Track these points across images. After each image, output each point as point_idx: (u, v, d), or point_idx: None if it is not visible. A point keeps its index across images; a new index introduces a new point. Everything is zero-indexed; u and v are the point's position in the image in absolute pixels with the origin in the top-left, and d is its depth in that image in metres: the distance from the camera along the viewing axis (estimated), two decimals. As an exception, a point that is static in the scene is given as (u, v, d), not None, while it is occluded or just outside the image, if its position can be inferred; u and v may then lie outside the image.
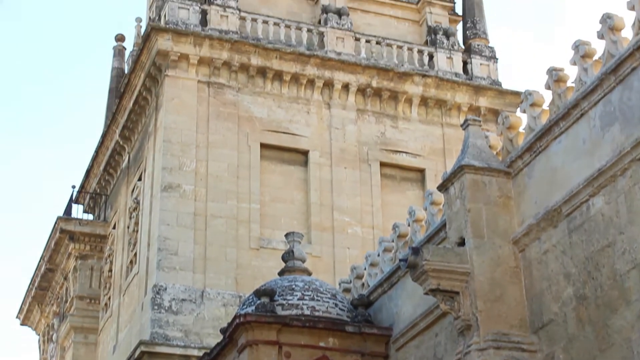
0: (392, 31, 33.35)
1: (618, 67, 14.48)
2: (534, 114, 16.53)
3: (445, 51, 32.71)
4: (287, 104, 30.46)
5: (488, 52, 33.40)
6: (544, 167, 16.04)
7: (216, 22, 30.49)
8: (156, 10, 31.77)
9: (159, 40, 29.32)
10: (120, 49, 37.62)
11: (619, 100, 14.53)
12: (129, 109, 31.81)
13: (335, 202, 29.55)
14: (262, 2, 32.24)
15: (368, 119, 31.20)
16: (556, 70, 16.15)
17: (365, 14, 33.38)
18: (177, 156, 28.59)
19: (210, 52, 29.72)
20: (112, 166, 34.46)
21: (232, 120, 29.54)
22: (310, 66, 30.63)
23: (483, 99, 32.19)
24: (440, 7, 33.75)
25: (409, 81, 31.52)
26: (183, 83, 29.50)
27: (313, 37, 31.59)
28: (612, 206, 14.42)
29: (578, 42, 15.63)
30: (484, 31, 33.77)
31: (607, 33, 14.91)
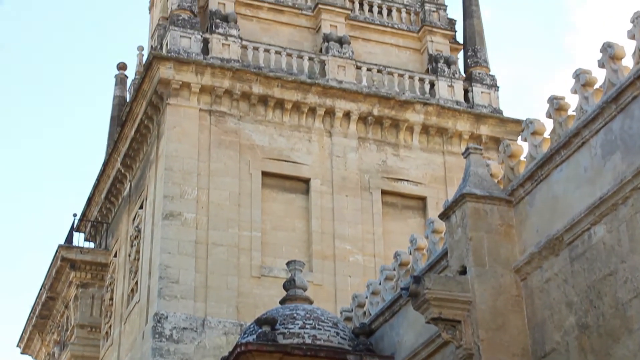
0: (393, 59, 33.43)
1: (619, 96, 14.51)
2: (535, 142, 16.55)
3: (446, 79, 32.77)
4: (289, 132, 30.50)
5: (489, 81, 33.45)
6: (545, 196, 16.04)
7: (218, 50, 30.58)
8: (158, 38, 31.87)
9: (161, 69, 29.38)
10: (122, 78, 37.71)
11: (620, 129, 14.55)
12: (130, 137, 31.84)
13: (337, 230, 29.52)
14: (263, 30, 32.35)
15: (369, 147, 31.22)
16: (557, 98, 16.18)
17: (366, 42, 33.48)
18: (179, 184, 28.59)
19: (212, 80, 29.78)
20: (114, 194, 34.46)
21: (233, 149, 29.56)
22: (311, 94, 30.69)
23: (484, 127, 32.21)
24: (441, 36, 33.85)
25: (410, 109, 31.56)
26: (185, 111, 29.55)
27: (314, 65, 31.67)
28: (614, 235, 14.40)
29: (579, 71, 15.67)
30: (485, 59, 33.85)
31: (608, 62, 14.96)
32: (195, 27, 30.65)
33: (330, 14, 32.65)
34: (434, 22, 33.87)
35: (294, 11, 32.80)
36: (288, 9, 32.74)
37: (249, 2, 32.33)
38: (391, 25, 33.82)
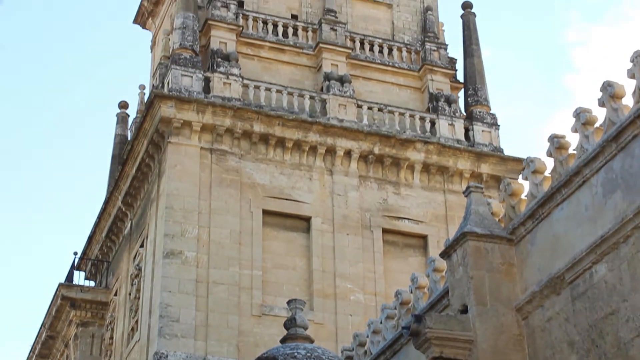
0: (394, 98, 33.52)
1: (619, 135, 14.53)
2: (536, 181, 16.56)
3: (447, 118, 32.85)
4: (290, 171, 30.53)
5: (490, 119, 33.53)
6: (546, 234, 16.02)
7: (219, 89, 30.68)
8: (159, 77, 31.99)
9: (162, 108, 29.47)
10: (124, 116, 37.82)
11: (620, 168, 14.56)
12: (131, 176, 31.87)
13: (338, 269, 29.47)
14: (264, 69, 32.48)
15: (370, 185, 31.24)
16: (558, 137, 16.21)
17: (367, 81, 33.59)
18: (180, 223, 28.58)
19: (213, 119, 29.86)
20: (114, 233, 34.44)
21: (234, 187, 29.58)
22: (312, 133, 30.75)
23: (485, 166, 32.24)
24: (442, 75, 33.96)
25: (411, 148, 31.61)
26: (186, 150, 29.60)
27: (315, 104, 31.76)
28: (615, 273, 14.37)
29: (579, 110, 15.71)
30: (485, 98, 33.95)
31: (608, 101, 15.00)
32: (196, 66, 30.77)
33: (331, 53, 32.78)
34: (435, 61, 34.00)
35: (295, 50, 32.95)
36: (289, 48, 32.89)
37: (251, 41, 32.49)
38: (392, 64, 33.94)
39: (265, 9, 33.65)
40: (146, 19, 39.89)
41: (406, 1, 35.62)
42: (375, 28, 34.95)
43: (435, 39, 34.58)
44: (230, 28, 32.01)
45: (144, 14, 39.83)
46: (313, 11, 34.09)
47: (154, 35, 39.41)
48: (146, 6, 39.40)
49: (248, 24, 32.79)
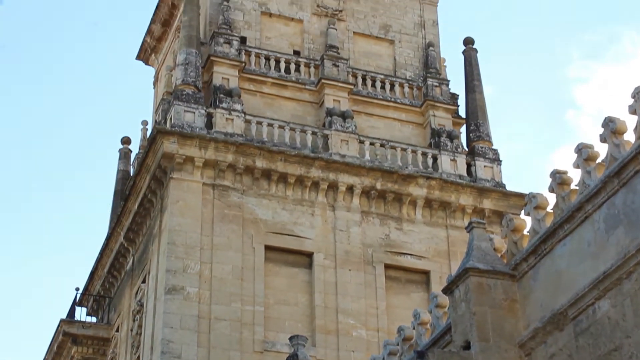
0: (396, 134, 33.56)
1: (621, 170, 14.55)
2: (538, 216, 16.56)
3: (449, 153, 32.87)
4: (292, 206, 30.52)
5: (492, 155, 33.55)
6: (549, 270, 16.00)
7: (221, 125, 30.74)
8: (162, 113, 32.06)
9: (165, 143, 29.51)
10: (126, 152, 37.88)
11: (622, 203, 14.56)
12: (133, 211, 31.88)
13: (340, 305, 29.39)
14: (267, 105, 32.54)
15: (372, 221, 31.21)
16: (559, 173, 16.23)
17: (369, 116, 33.64)
18: (182, 258, 28.54)
19: (216, 154, 29.88)
20: (116, 268, 34.40)
21: (236, 223, 29.56)
22: (314, 168, 30.78)
23: (487, 201, 32.23)
24: (444, 110, 34.02)
25: (413, 183, 31.62)
26: (188, 185, 29.61)
27: (317, 139, 31.80)
28: (619, 309, 14.33)
29: (581, 145, 15.74)
30: (487, 134, 33.99)
31: (610, 136, 15.03)
32: (199, 101, 30.85)
33: (333, 88, 32.87)
34: (437, 97, 34.07)
35: (298, 86, 33.04)
36: (291, 84, 32.98)
37: (253, 77, 32.59)
38: (394, 100, 34.02)
39: (267, 45, 33.79)
40: (149, 55, 40.06)
41: (408, 37, 35.76)
42: (377, 64, 35.06)
43: (437, 74, 34.68)
44: (233, 64, 32.12)
45: (146, 50, 40.02)
46: (315, 47, 34.22)
47: (157, 71, 39.56)
48: (149, 42, 39.59)
49: (250, 60, 32.92)
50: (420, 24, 36.11)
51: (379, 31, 35.50)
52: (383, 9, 35.93)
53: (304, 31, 34.52)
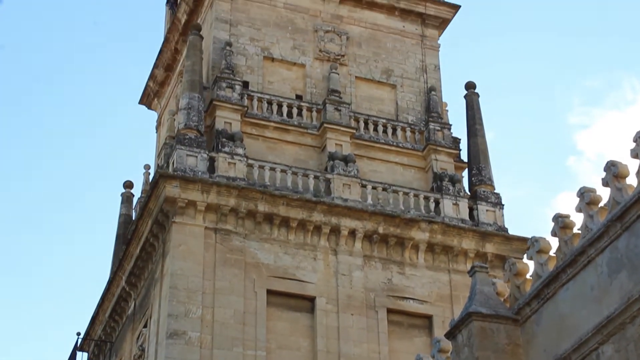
0: (398, 178, 33.57)
1: (624, 214, 14.54)
2: (540, 260, 16.53)
3: (451, 197, 32.86)
4: (294, 250, 30.47)
5: (494, 199, 33.54)
6: (552, 315, 15.94)
7: (224, 169, 30.77)
8: (165, 157, 32.11)
9: (167, 187, 29.53)
10: (129, 196, 37.89)
11: (625, 248, 14.53)
12: (135, 256, 31.84)
13: (342, 350, 29.25)
14: (269, 149, 32.59)
15: (375, 265, 31.15)
16: (562, 217, 16.22)
17: (371, 161, 33.67)
18: (183, 303, 28.45)
19: (218, 199, 29.89)
20: (118, 313, 34.29)
21: (238, 267, 29.50)
22: (317, 213, 30.76)
23: (490, 245, 32.17)
24: (446, 154, 34.05)
25: (416, 227, 31.58)
26: (190, 229, 29.58)
27: (320, 183, 31.80)
28: (622, 354, 14.26)
29: (583, 189, 15.74)
30: (489, 178, 33.99)
31: (612, 180, 15.03)
32: (201, 146, 30.90)
33: (335, 133, 32.93)
34: (439, 141, 34.12)
35: (300, 130, 33.11)
36: (294, 128, 33.05)
37: (255, 122, 32.66)
38: (396, 144, 34.07)
39: (270, 89, 33.90)
40: (152, 99, 40.24)
41: (410, 82, 35.89)
42: (379, 108, 35.16)
43: (439, 119, 34.75)
44: (235, 108, 32.21)
45: (149, 95, 40.20)
46: (317, 91, 34.34)
47: (160, 116, 39.70)
48: (152, 87, 39.77)
49: (253, 104, 33.01)
50: (422, 68, 36.26)
51: (381, 76, 35.65)
52: (385, 53, 36.10)
53: (306, 75, 34.66)
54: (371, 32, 36.29)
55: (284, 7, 35.53)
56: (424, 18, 36.98)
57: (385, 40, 36.38)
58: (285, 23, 35.32)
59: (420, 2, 36.98)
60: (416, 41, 36.77)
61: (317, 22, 35.62)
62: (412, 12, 36.93)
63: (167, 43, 38.35)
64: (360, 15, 36.36)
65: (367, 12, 36.46)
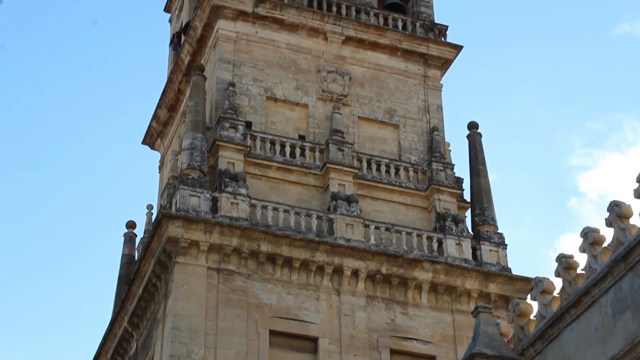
0: (401, 218, 33.55)
1: (628, 255, 14.51)
2: (544, 301, 16.48)
3: (454, 237, 32.82)
4: (297, 291, 30.40)
5: (497, 239, 33.49)
6: (556, 355, 15.87)
7: (227, 209, 30.76)
8: (167, 197, 32.12)
9: (170, 227, 29.52)
10: (131, 236, 37.86)
11: (629, 288, 14.50)
12: (138, 296, 31.77)
13: (346, 391, 29.08)
14: (272, 189, 32.60)
15: (378, 305, 31.06)
16: (566, 257, 16.19)
17: (374, 200, 33.66)
18: (186, 343, 28.34)
19: (221, 239, 29.86)
20: (120, 354, 34.15)
21: (241, 307, 29.42)
22: (319, 253, 30.72)
23: (493, 286, 32.09)
24: (449, 194, 34.05)
25: (419, 267, 31.52)
26: (193, 270, 29.53)
27: (323, 224, 31.78)
28: (627, 396, 14.18)
29: (587, 230, 15.73)
30: (492, 218, 33.97)
31: (616, 221, 15.02)
32: (204, 186, 30.92)
33: (338, 173, 32.95)
34: (442, 181, 34.13)
35: (303, 170, 33.13)
36: (297, 168, 33.08)
37: (258, 162, 32.70)
38: (399, 184, 34.09)
39: (273, 129, 33.98)
40: (155, 139, 40.33)
41: (412, 122, 35.97)
42: (382, 148, 35.22)
43: (441, 159, 34.79)
44: (238, 148, 32.26)
45: (152, 135, 40.30)
46: (320, 132, 34.41)
47: (163, 156, 39.77)
48: (155, 127, 39.89)
49: (256, 144, 33.06)
50: (424, 108, 36.35)
51: (383, 116, 35.73)
52: (387, 94, 36.21)
53: (309, 116, 34.75)
54: (374, 73, 36.42)
55: (286, 47, 35.70)
56: (426, 58, 37.13)
57: (387, 81, 36.52)
58: (288, 64, 35.46)
59: (422, 43, 37.16)
60: (419, 81, 36.90)
61: (319, 63, 35.76)
62: (414, 52, 37.10)
63: (171, 83, 38.51)
64: (363, 56, 36.51)
65: (369, 52, 36.62)
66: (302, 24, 35.96)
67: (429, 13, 38.54)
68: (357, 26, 36.53)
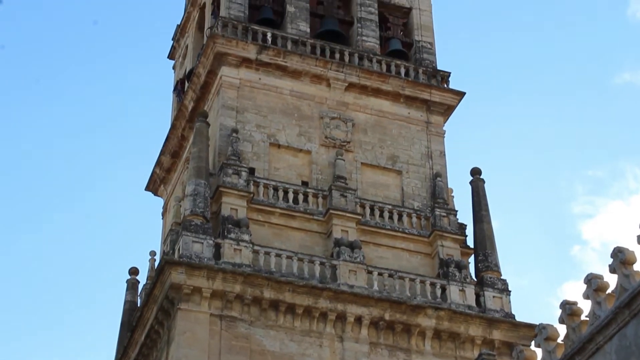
0: (404, 264, 33.47)
1: (632, 301, 14.47)
2: (548, 348, 16.40)
3: (457, 284, 32.72)
4: (300, 337, 30.28)
5: (500, 285, 33.38)
6: (561, 403, 15.77)
7: (230, 255, 30.71)
8: (170, 244, 32.09)
9: (173, 274, 29.46)
10: (134, 283, 37.75)
11: (634, 335, 14.44)
12: (140, 343, 31.65)
13: None
14: (275, 235, 32.56)
15: (381, 352, 30.91)
16: (569, 304, 16.14)
17: (377, 247, 33.60)
18: (189, 390, 28.19)
19: (223, 285, 29.79)
20: (122, 401, 33.97)
21: (244, 354, 29.28)
22: (322, 299, 30.63)
23: (497, 332, 31.94)
24: (452, 240, 33.99)
25: (422, 314, 31.41)
26: (195, 316, 29.43)
27: (325, 270, 31.71)
28: None
29: (590, 276, 15.69)
30: (495, 264, 33.88)
31: (619, 267, 15.00)
32: (207, 232, 30.89)
33: (341, 219, 32.92)
34: (445, 227, 34.08)
35: (306, 216, 33.11)
36: (300, 214, 33.06)
37: (261, 208, 32.69)
38: (402, 230, 34.03)
39: (276, 175, 34.00)
40: (158, 186, 40.37)
41: (415, 168, 36.00)
42: (385, 194, 35.21)
43: (444, 205, 34.77)
44: (241, 195, 32.26)
45: (156, 181, 40.34)
46: (323, 178, 34.42)
47: (166, 202, 39.78)
48: (158, 173, 39.94)
49: (259, 190, 33.07)
50: (427, 154, 36.39)
51: (386, 162, 35.77)
52: (390, 140, 36.27)
53: (312, 162, 34.79)
54: (377, 119, 36.50)
55: (290, 94, 35.81)
56: (429, 105, 37.23)
57: (390, 127, 36.58)
58: (292, 110, 35.56)
59: (425, 89, 37.28)
60: (421, 127, 36.97)
61: (323, 109, 35.86)
62: (417, 99, 37.20)
63: (174, 130, 38.62)
64: (366, 102, 36.61)
65: (372, 99, 36.73)
66: (305, 71, 36.09)
67: (431, 60, 38.71)
68: (360, 73, 36.65)
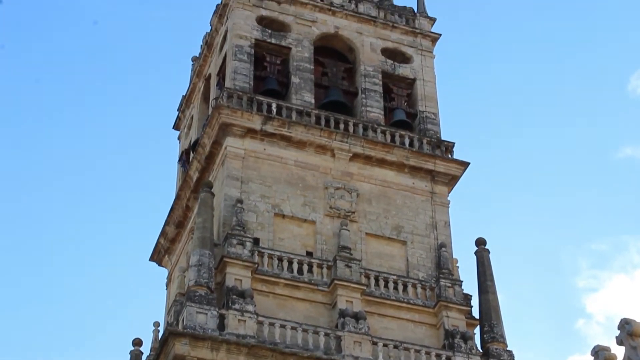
0: (409, 335, 33.28)
1: (639, 373, 14.36)
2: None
3: (463, 355, 32.50)
4: (305, 409, 30.08)
5: (506, 356, 33.15)
6: None
7: (234, 326, 30.55)
8: (174, 314, 31.95)
9: (177, 345, 29.31)
10: (137, 354, 37.46)
11: (642, 408, 14.31)
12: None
13: None
14: (279, 306, 32.43)
15: None
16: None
17: (382, 317, 33.44)
18: None
19: (228, 356, 29.62)
20: None
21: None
22: (329, 367, 30.50)
23: (502, 403, 31.74)
24: (457, 311, 33.81)
25: (428, 385, 31.20)
26: (199, 387, 29.27)
27: (330, 341, 31.52)
28: None
29: (597, 348, 15.61)
30: (501, 335, 33.68)
31: (626, 338, 14.92)
32: (211, 303, 30.76)
33: (346, 289, 32.80)
34: (450, 298, 33.95)
35: (310, 287, 33.00)
36: (304, 285, 32.96)
37: (266, 278, 32.60)
38: (407, 300, 33.89)
39: (280, 246, 33.95)
40: (162, 256, 40.32)
41: (420, 238, 35.94)
42: (390, 264, 35.12)
43: (449, 275, 34.65)
44: (246, 265, 32.18)
45: (160, 252, 40.30)
46: (328, 248, 34.36)
47: (170, 272, 39.70)
48: (162, 244, 39.92)
49: (263, 261, 33.00)
50: (432, 224, 36.35)
51: (391, 232, 35.73)
52: (395, 210, 36.26)
53: (316, 232, 34.76)
54: (381, 189, 36.54)
55: (294, 164, 35.90)
56: (433, 175, 37.29)
57: (395, 197, 36.60)
58: (296, 180, 35.63)
59: (429, 160, 37.36)
60: (426, 198, 36.99)
61: (327, 179, 35.93)
62: (421, 169, 37.26)
63: (179, 200, 38.68)
64: (371, 173, 36.67)
65: (377, 169, 36.80)
66: (310, 141, 36.23)
67: (435, 130, 38.87)
68: (365, 143, 36.78)
